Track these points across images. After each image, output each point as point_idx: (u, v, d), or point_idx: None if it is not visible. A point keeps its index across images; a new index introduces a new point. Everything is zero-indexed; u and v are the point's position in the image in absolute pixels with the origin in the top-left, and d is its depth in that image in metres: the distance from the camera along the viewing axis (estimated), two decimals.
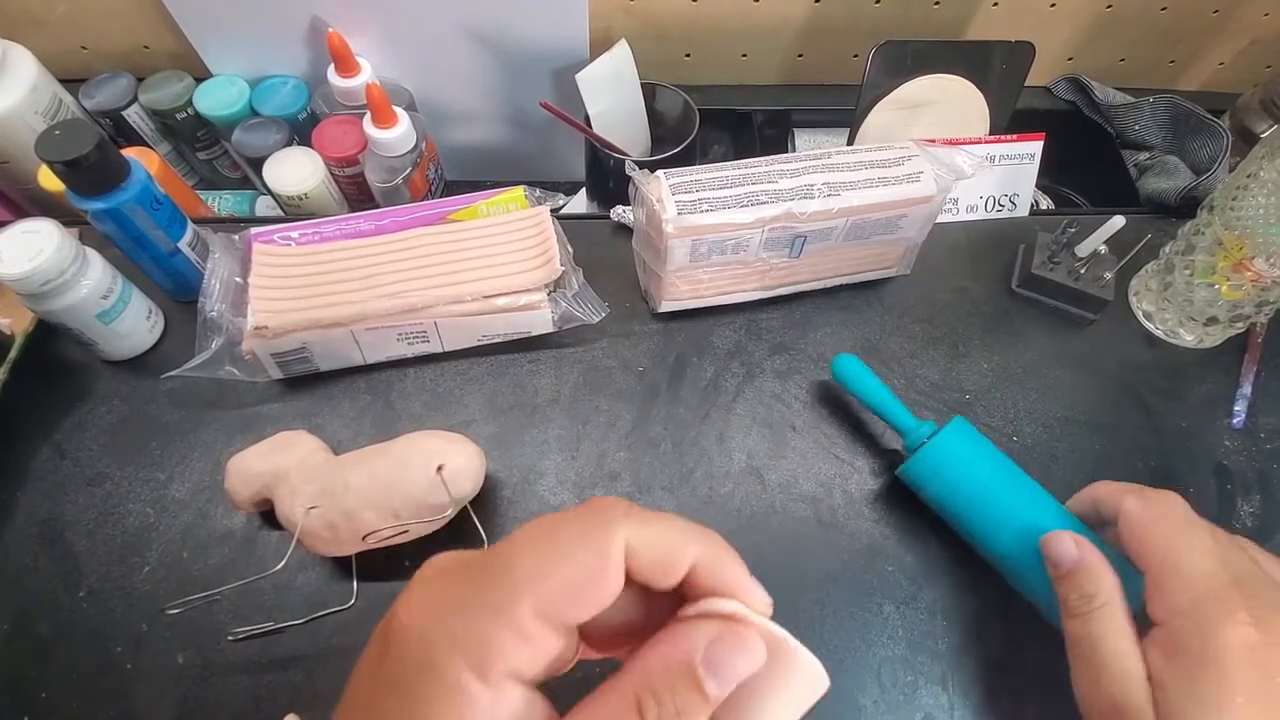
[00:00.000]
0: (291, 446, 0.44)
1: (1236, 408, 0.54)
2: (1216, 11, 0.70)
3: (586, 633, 0.21)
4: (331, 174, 0.60)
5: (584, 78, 0.57)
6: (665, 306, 0.54)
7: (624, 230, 0.58)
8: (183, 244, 0.50)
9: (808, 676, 0.22)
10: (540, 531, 0.19)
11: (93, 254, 0.47)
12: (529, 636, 0.18)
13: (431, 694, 0.17)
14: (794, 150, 0.72)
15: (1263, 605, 0.30)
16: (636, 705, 0.18)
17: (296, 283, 0.48)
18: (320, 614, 0.43)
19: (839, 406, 0.52)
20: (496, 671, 0.17)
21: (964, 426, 0.45)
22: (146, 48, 0.65)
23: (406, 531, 0.41)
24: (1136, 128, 0.68)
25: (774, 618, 0.23)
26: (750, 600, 0.22)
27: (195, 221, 0.52)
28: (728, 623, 0.20)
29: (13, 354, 0.49)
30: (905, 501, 0.49)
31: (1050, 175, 0.71)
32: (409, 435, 0.43)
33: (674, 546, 0.20)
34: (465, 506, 0.43)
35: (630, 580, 0.20)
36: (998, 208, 0.63)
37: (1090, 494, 0.40)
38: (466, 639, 0.17)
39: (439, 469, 0.41)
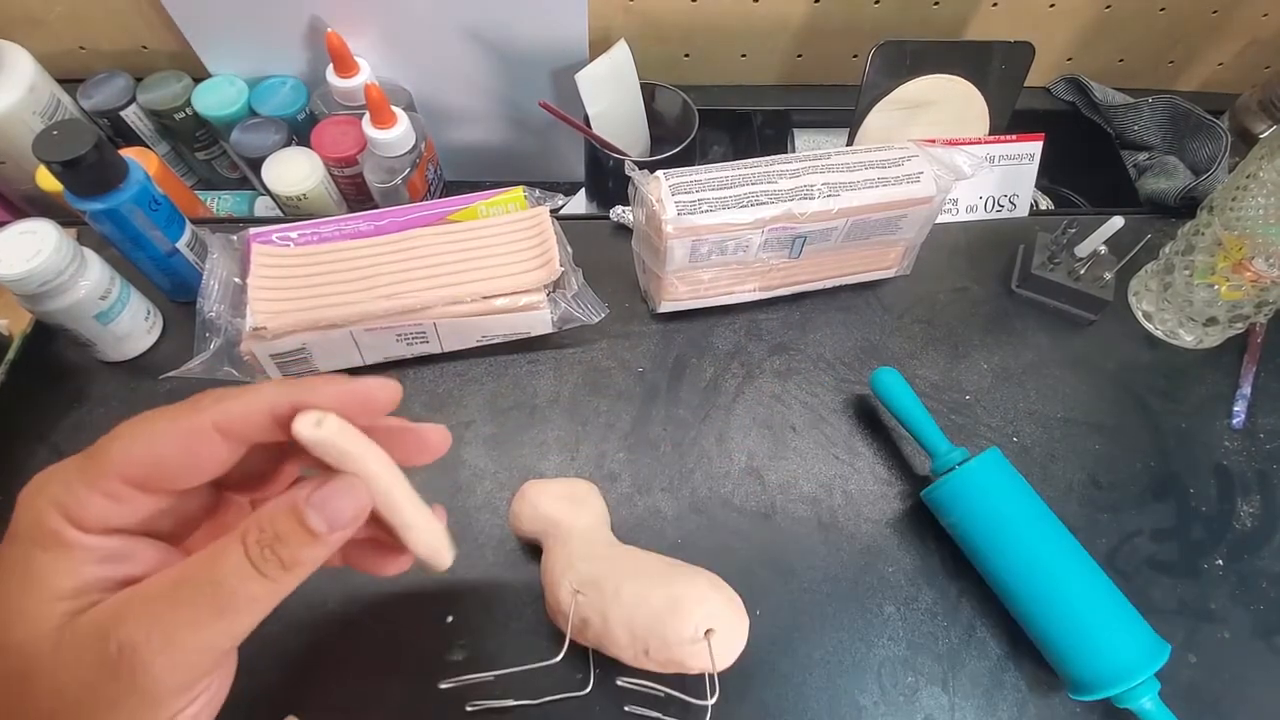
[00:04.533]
0: (584, 502, 0.43)
1: (1236, 408, 0.54)
2: (1215, 12, 0.70)
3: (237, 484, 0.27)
4: (330, 174, 0.60)
5: (583, 78, 0.57)
6: (665, 307, 0.54)
7: (624, 230, 0.58)
8: (181, 244, 0.50)
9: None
10: (138, 418, 0.24)
11: (91, 254, 0.47)
12: (117, 496, 0.23)
13: (37, 537, 0.22)
14: (793, 150, 0.72)
15: None
16: (243, 532, 0.23)
17: (295, 283, 0.48)
18: (558, 697, 0.40)
19: (839, 408, 0.52)
20: (90, 522, 0.23)
21: (998, 459, 0.45)
22: (145, 48, 0.65)
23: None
24: (1136, 128, 0.68)
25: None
26: (360, 395, 0.25)
27: (194, 222, 0.52)
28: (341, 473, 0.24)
29: (10, 355, 0.49)
30: (905, 503, 0.49)
31: (1050, 175, 0.71)
32: (695, 574, 0.40)
33: (262, 403, 0.24)
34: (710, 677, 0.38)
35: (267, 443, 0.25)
36: (997, 208, 0.63)
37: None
38: (62, 499, 0.22)
39: (708, 633, 0.37)
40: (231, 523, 0.27)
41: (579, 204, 0.69)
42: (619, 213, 0.59)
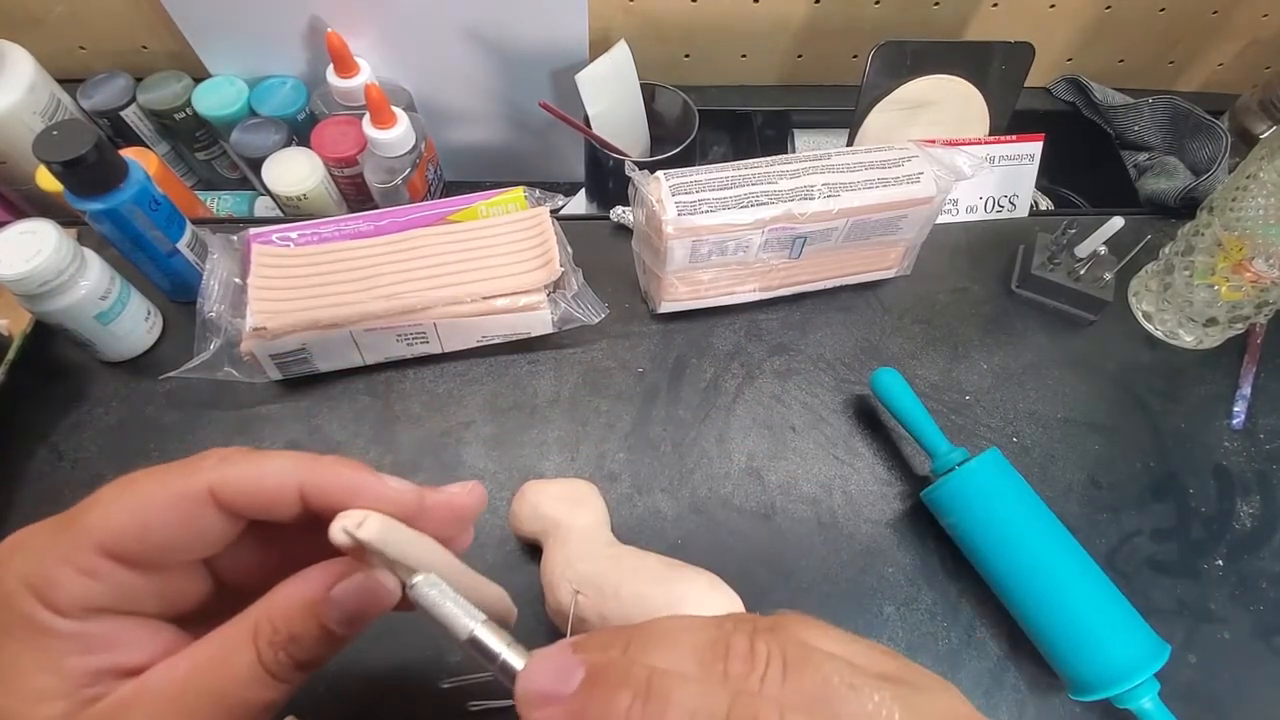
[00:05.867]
0: (583, 503, 0.43)
1: (1236, 408, 0.54)
2: (1215, 12, 0.70)
3: (225, 568, 0.24)
4: (330, 174, 0.60)
5: (584, 78, 0.57)
6: (665, 307, 0.54)
7: (624, 231, 0.58)
8: (181, 244, 0.50)
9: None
10: (124, 480, 0.21)
11: (91, 255, 0.47)
12: (95, 573, 0.20)
13: (6, 622, 0.20)
14: (794, 151, 0.72)
15: None
16: (254, 629, 0.20)
17: (295, 283, 0.48)
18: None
19: (839, 408, 0.52)
20: (66, 603, 0.20)
21: (997, 459, 0.45)
22: (145, 47, 0.64)
23: None
24: (1136, 128, 0.68)
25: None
26: (374, 501, 0.22)
27: (194, 222, 0.52)
28: (359, 565, 0.21)
29: (10, 355, 0.49)
30: (905, 503, 0.49)
31: (1050, 176, 0.71)
32: (695, 574, 0.40)
33: (268, 480, 0.21)
34: None
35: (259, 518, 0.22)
36: (997, 208, 0.63)
37: None
38: (33, 577, 0.20)
39: None
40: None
41: (579, 204, 0.69)
42: (619, 213, 0.59)
